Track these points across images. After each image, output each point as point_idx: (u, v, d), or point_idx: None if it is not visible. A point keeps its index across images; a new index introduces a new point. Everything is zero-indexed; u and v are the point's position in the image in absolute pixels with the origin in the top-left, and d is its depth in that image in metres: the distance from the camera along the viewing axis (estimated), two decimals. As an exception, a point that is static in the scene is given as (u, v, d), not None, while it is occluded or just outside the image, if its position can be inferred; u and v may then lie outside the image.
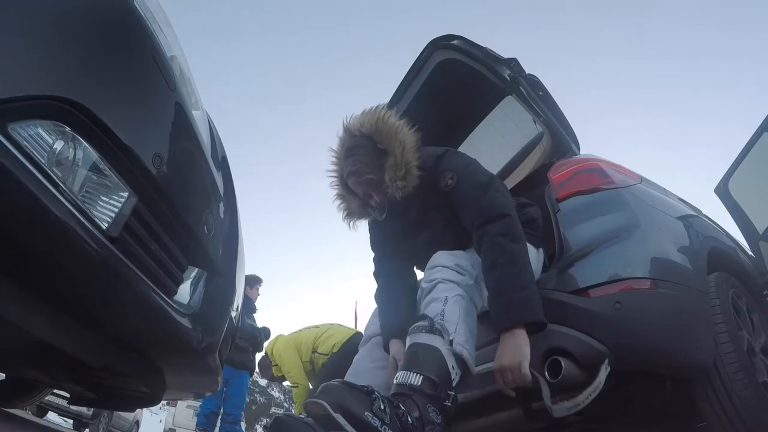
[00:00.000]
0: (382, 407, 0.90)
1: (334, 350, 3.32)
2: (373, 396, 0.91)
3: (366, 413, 0.87)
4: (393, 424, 0.89)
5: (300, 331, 3.64)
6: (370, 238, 1.56)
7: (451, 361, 1.02)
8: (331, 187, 1.44)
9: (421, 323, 1.06)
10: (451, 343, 1.04)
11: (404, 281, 1.44)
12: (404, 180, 1.29)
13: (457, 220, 1.31)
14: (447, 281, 1.14)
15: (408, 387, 0.98)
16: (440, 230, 1.36)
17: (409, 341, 1.07)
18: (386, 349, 1.30)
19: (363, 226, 1.52)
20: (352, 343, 3.18)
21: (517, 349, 1.04)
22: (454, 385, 1.02)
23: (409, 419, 0.92)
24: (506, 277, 1.11)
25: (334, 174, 1.42)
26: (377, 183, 1.32)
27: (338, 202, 1.44)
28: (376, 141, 1.32)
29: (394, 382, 1.03)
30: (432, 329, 1.04)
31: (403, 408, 0.93)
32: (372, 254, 1.56)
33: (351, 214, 1.44)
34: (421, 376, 0.98)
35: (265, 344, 4.03)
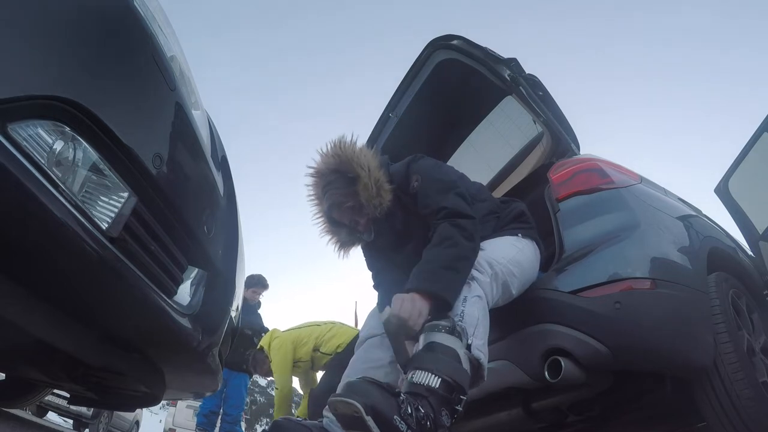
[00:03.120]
0: (409, 411, 0.89)
1: (339, 350, 3.27)
2: (400, 399, 0.91)
3: (395, 417, 0.87)
4: (417, 430, 0.89)
5: (300, 327, 3.58)
6: (366, 261, 1.62)
7: (467, 365, 1.02)
8: (320, 227, 1.50)
9: (441, 322, 1.05)
10: (469, 347, 1.03)
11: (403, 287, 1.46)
12: (379, 197, 1.36)
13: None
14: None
15: (425, 388, 0.97)
16: (424, 236, 1.36)
17: (425, 339, 1.07)
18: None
19: (354, 252, 1.58)
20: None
21: (417, 311, 1.08)
22: (467, 389, 1.01)
23: (429, 423, 0.92)
24: (444, 254, 1.16)
25: (319, 215, 1.49)
26: (358, 208, 1.38)
27: (328, 237, 1.50)
28: (344, 171, 1.38)
29: (410, 379, 1.01)
30: (452, 331, 1.03)
31: (423, 411, 0.92)
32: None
33: (343, 245, 1.50)
34: (440, 379, 0.98)
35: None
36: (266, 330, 4.32)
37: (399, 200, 1.40)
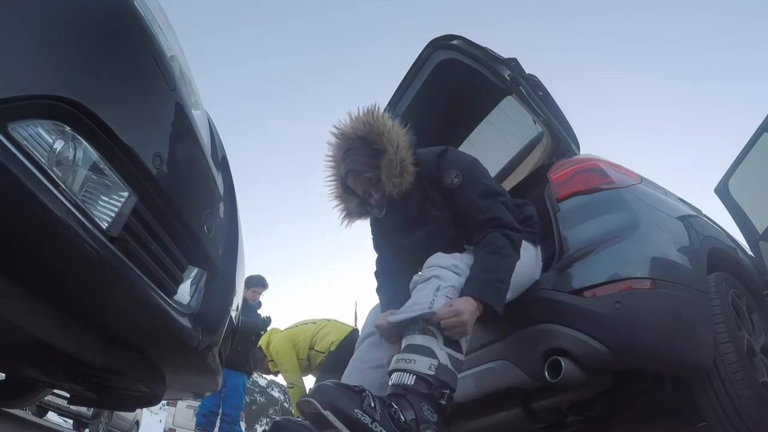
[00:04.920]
0: (372, 405, 0.91)
1: (332, 348, 3.31)
2: (364, 395, 0.93)
3: (356, 410, 0.88)
4: (384, 422, 0.90)
5: (296, 326, 3.60)
6: (373, 238, 1.58)
7: (444, 360, 1.03)
8: (329, 190, 1.45)
9: (413, 326, 1.08)
10: (447, 341, 1.05)
11: (405, 279, 1.45)
12: (400, 177, 1.32)
13: (456, 215, 1.34)
14: (440, 278, 1.15)
15: (402, 387, 1.00)
16: (439, 225, 1.38)
17: (404, 343, 1.08)
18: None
19: (357, 225, 1.53)
20: (350, 340, 3.17)
21: (473, 315, 1.08)
22: (450, 383, 1.02)
23: (402, 417, 0.93)
24: (500, 264, 1.17)
25: (332, 178, 1.44)
26: (375, 181, 1.34)
27: (336, 202, 1.45)
28: (371, 141, 1.33)
29: (390, 383, 1.03)
30: (424, 331, 1.05)
31: (395, 407, 0.94)
32: (374, 254, 1.58)
33: (350, 214, 1.45)
34: (414, 376, 1.00)
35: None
36: (265, 330, 4.33)
37: (420, 185, 1.36)
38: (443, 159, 1.37)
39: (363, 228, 1.59)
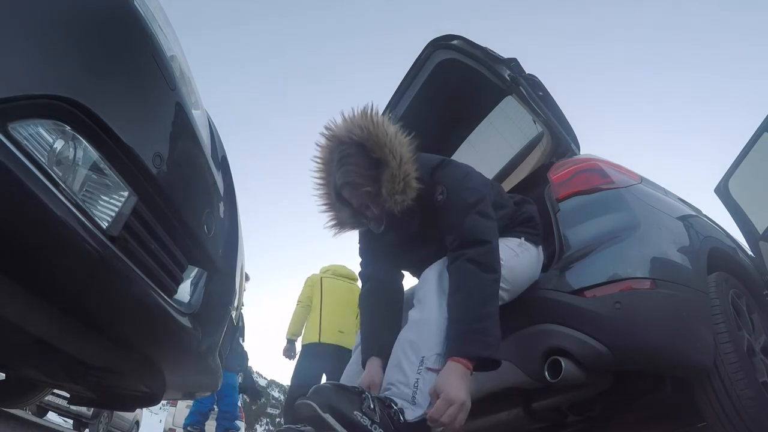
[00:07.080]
0: (372, 406, 0.91)
1: (320, 338, 3.45)
2: (363, 396, 0.92)
3: (355, 412, 0.88)
4: (384, 423, 0.90)
5: (345, 279, 3.73)
6: (362, 247, 1.46)
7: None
8: (319, 193, 1.32)
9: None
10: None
11: (393, 294, 1.36)
12: (403, 194, 1.19)
13: None
14: (419, 344, 1.04)
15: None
16: (440, 246, 1.25)
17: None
18: (363, 365, 1.21)
19: (346, 234, 1.38)
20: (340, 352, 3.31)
21: (463, 387, 0.94)
22: None
23: (401, 418, 0.92)
24: (467, 304, 1.04)
25: (322, 183, 1.30)
26: (374, 195, 1.21)
27: (324, 209, 1.32)
28: (368, 149, 1.19)
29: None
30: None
31: (395, 407, 0.93)
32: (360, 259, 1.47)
33: (342, 224, 1.32)
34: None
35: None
36: (242, 334, 4.38)
37: (420, 201, 1.24)
38: (434, 174, 1.26)
39: (348, 234, 1.42)
